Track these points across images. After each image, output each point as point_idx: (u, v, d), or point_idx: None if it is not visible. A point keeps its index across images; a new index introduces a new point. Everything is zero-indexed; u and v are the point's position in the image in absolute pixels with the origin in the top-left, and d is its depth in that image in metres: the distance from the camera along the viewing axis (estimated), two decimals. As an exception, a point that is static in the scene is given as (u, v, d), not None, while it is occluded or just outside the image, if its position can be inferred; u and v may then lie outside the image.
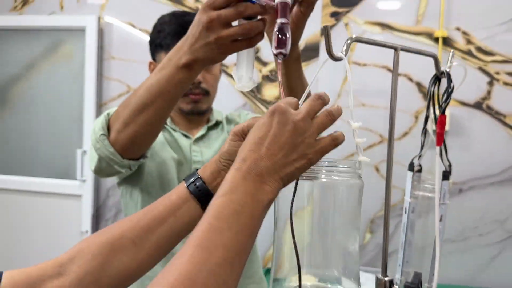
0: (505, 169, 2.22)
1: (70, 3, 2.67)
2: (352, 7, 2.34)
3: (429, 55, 0.75)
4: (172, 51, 0.76)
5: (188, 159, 1.17)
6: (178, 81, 0.76)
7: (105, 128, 0.88)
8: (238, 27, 0.69)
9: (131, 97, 0.83)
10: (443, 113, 0.73)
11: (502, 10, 2.20)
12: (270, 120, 0.54)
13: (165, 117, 0.83)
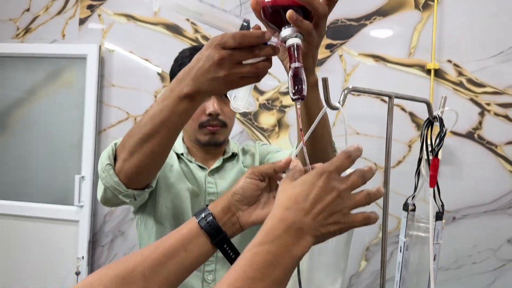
0: (497, 198, 2.26)
1: (72, 31, 2.72)
2: (346, 40, 2.41)
3: (422, 101, 0.79)
4: (174, 82, 0.76)
5: (203, 190, 1.18)
6: (180, 111, 0.76)
7: (111, 158, 0.89)
8: (250, 67, 0.69)
9: (136, 126, 0.84)
10: (436, 156, 0.77)
11: (491, 43, 2.28)
12: (316, 180, 0.56)
13: (169, 146, 0.84)
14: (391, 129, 0.75)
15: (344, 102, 0.66)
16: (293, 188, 0.57)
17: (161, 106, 0.77)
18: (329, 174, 0.57)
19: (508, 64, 2.26)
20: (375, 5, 2.39)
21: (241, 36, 0.66)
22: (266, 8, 0.68)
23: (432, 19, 2.32)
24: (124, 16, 2.66)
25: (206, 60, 0.69)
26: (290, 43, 0.65)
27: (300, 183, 0.57)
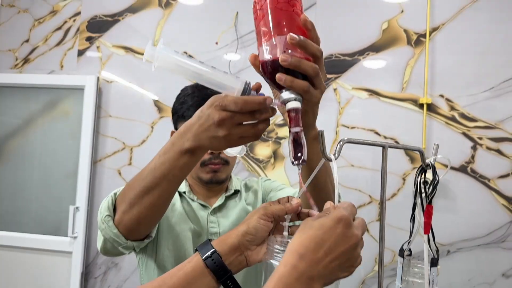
0: (491, 231, 2.28)
1: (70, 62, 2.76)
2: (340, 74, 2.46)
3: (415, 150, 0.81)
4: (176, 136, 0.76)
5: (205, 230, 1.17)
6: (181, 165, 0.76)
7: (111, 208, 0.89)
8: (249, 128, 0.69)
9: (136, 178, 0.83)
10: (429, 203, 0.79)
11: (482, 79, 2.34)
12: (334, 227, 0.56)
13: (170, 199, 0.84)
14: (385, 178, 0.77)
15: (339, 154, 0.68)
16: (309, 231, 0.56)
17: (162, 159, 0.77)
18: (346, 221, 0.56)
19: (499, 99, 2.31)
20: (368, 40, 2.45)
21: (243, 102, 0.66)
22: (265, 66, 0.68)
23: (424, 55, 2.38)
24: (122, 48, 2.70)
25: (206, 119, 0.70)
26: (289, 107, 0.66)
27: (317, 226, 0.56)
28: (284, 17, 0.67)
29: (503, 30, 2.33)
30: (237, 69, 2.56)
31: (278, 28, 0.66)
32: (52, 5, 2.81)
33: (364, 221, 0.61)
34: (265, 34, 0.67)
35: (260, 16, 0.69)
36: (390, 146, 0.78)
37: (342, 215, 0.57)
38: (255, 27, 0.71)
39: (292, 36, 0.64)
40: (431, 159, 0.83)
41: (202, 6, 2.66)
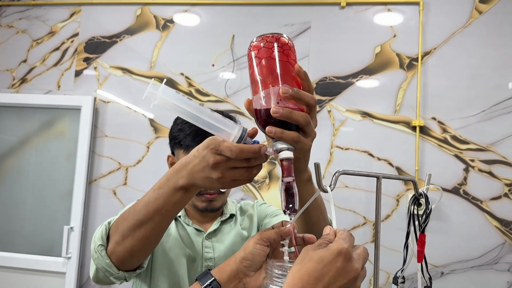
0: (484, 253, 2.29)
1: (67, 82, 2.78)
2: (334, 96, 2.50)
3: (409, 180, 0.83)
4: (171, 172, 0.77)
5: (200, 255, 1.17)
6: (175, 201, 0.77)
7: (104, 238, 0.89)
8: (243, 172, 0.71)
9: (130, 210, 0.84)
10: (422, 232, 0.81)
11: (473, 102, 2.38)
12: (334, 260, 0.56)
13: (162, 232, 0.86)
14: (379, 209, 0.79)
15: (335, 186, 0.70)
16: (308, 263, 0.56)
17: (157, 194, 0.78)
18: (346, 254, 0.57)
19: (490, 122, 2.36)
20: (361, 64, 2.50)
21: (239, 151, 0.68)
22: (259, 114, 0.70)
23: (416, 78, 2.43)
24: (119, 69, 2.73)
25: (201, 160, 0.72)
26: (282, 156, 0.67)
27: (316, 259, 0.56)
28: (278, 67, 0.69)
29: (493, 54, 2.39)
30: (232, 90, 2.60)
31: (272, 79, 0.68)
32: (50, 26, 2.85)
33: (365, 251, 0.61)
34: (259, 83, 0.69)
35: (255, 64, 0.70)
36: (384, 177, 0.80)
37: (342, 248, 0.57)
38: (249, 73, 0.72)
39: (285, 90, 0.66)
40: (424, 189, 0.86)
41: (199, 29, 2.70)
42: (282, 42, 0.70)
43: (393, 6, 2.52)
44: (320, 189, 0.70)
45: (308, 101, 0.68)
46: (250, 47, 0.72)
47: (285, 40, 0.71)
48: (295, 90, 0.66)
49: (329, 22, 2.56)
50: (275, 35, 0.71)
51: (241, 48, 2.62)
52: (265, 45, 0.70)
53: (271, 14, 2.62)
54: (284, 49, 0.70)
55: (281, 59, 0.69)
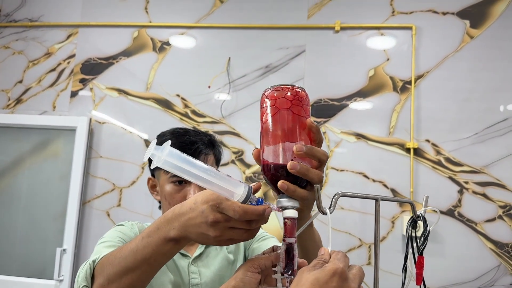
0: (480, 275, 2.29)
1: (63, 103, 2.79)
2: (329, 118, 2.52)
3: (406, 202, 0.84)
4: (162, 221, 0.74)
5: (186, 282, 1.13)
6: (164, 252, 0.74)
7: (89, 278, 0.86)
8: (242, 232, 0.68)
9: (117, 254, 0.82)
10: (421, 254, 0.81)
11: (466, 125, 2.41)
12: (329, 280, 0.55)
13: (149, 280, 0.82)
14: (378, 231, 0.79)
15: (334, 208, 0.71)
16: (304, 286, 0.56)
17: (145, 242, 0.75)
18: (342, 274, 0.56)
19: (483, 145, 2.38)
20: (356, 86, 2.53)
21: (242, 212, 0.65)
22: (267, 167, 0.69)
23: (409, 101, 2.46)
24: (116, 90, 2.74)
25: (199, 215, 0.68)
26: (286, 215, 0.66)
27: (312, 281, 0.56)
28: (295, 123, 0.68)
29: (484, 78, 2.43)
30: (228, 112, 2.61)
31: (289, 134, 0.68)
32: (47, 47, 2.86)
33: (361, 270, 0.61)
34: (272, 136, 0.68)
35: (270, 114, 0.69)
36: (382, 199, 0.80)
37: (337, 267, 0.56)
38: (262, 121, 0.70)
39: (299, 148, 0.66)
40: (422, 211, 0.86)
41: (195, 51, 2.73)
42: (301, 97, 0.70)
43: (386, 31, 2.57)
44: (320, 211, 0.70)
45: (320, 157, 0.69)
46: (267, 95, 0.71)
47: (303, 95, 0.70)
48: (308, 147, 0.67)
49: (324, 46, 2.60)
50: (294, 88, 0.70)
51: (236, 70, 2.65)
52: (285, 96, 0.69)
53: (266, 37, 2.66)
54: (303, 104, 0.69)
55: (299, 114, 0.69)
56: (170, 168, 0.68)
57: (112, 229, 1.15)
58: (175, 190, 1.12)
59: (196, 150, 1.14)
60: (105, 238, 1.10)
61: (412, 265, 0.84)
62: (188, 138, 1.15)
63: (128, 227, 1.16)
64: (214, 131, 2.59)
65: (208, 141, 1.18)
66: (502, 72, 2.43)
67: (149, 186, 1.25)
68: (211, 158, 1.17)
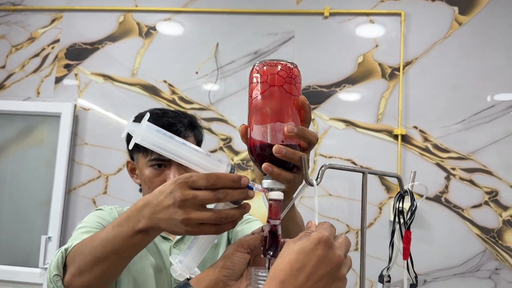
0: (466, 260, 2.31)
1: (47, 89, 2.73)
2: (317, 105, 2.51)
3: (393, 176, 0.83)
4: (132, 210, 0.71)
5: (168, 265, 1.10)
6: (133, 243, 0.71)
7: (61, 267, 0.83)
8: (212, 214, 0.64)
9: (88, 244, 0.79)
10: (408, 229, 0.80)
11: (454, 111, 2.42)
12: (314, 249, 0.54)
13: (121, 270, 0.80)
14: (365, 204, 0.78)
15: (321, 179, 0.69)
16: (289, 255, 0.55)
17: (115, 232, 0.72)
18: (327, 242, 0.55)
19: (471, 131, 2.39)
20: (344, 73, 2.52)
21: (216, 178, 0.63)
22: (254, 146, 0.66)
23: (398, 87, 2.46)
24: (101, 76, 2.70)
25: (167, 196, 0.65)
26: (272, 197, 0.65)
27: (297, 250, 0.55)
28: (287, 102, 0.65)
29: (472, 65, 2.44)
30: (216, 98, 2.59)
31: (279, 114, 0.64)
32: (30, 32, 2.80)
33: (347, 239, 0.60)
34: (261, 114, 0.65)
35: (260, 91, 0.66)
36: (370, 173, 0.79)
37: (322, 236, 0.55)
38: (250, 96, 0.67)
39: (290, 129, 0.63)
40: (409, 186, 0.85)
41: (183, 36, 2.69)
42: (294, 74, 0.66)
43: (375, 17, 2.55)
44: (307, 182, 0.69)
45: (311, 139, 0.67)
46: (258, 70, 0.67)
47: (296, 72, 0.67)
48: (300, 129, 0.64)
49: (313, 32, 2.59)
50: (288, 64, 0.66)
51: (225, 57, 2.62)
52: (277, 73, 0.65)
53: (255, 23, 2.64)
54: (296, 82, 0.66)
55: (291, 93, 0.65)
56: (149, 144, 0.66)
57: (90, 214, 1.13)
58: (154, 174, 1.09)
59: (175, 132, 1.08)
60: (83, 223, 1.07)
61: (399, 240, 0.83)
62: (166, 120, 1.12)
63: (107, 212, 1.13)
64: (202, 118, 2.56)
65: (188, 123, 1.15)
66: (490, 59, 2.44)
67: (128, 169, 1.21)
68: (191, 140, 1.14)
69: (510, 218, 2.32)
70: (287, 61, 0.67)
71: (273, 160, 0.64)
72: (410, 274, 0.82)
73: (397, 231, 0.84)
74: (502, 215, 2.32)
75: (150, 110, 1.18)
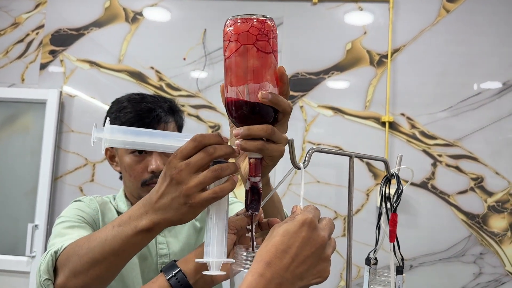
0: (451, 246, 2.34)
1: (32, 76, 2.69)
2: (306, 92, 2.51)
3: (380, 160, 0.83)
4: (134, 209, 0.69)
5: (154, 253, 1.10)
6: (134, 243, 0.69)
7: (51, 271, 0.81)
8: (207, 171, 0.63)
9: (84, 244, 0.77)
10: (394, 212, 0.81)
11: (441, 98, 2.44)
12: (298, 231, 0.56)
13: (118, 272, 0.78)
14: (352, 187, 0.78)
15: (308, 163, 0.69)
16: (275, 238, 0.56)
17: (115, 232, 0.70)
18: (311, 223, 0.56)
19: (457, 118, 2.41)
20: (333, 60, 2.51)
21: (200, 137, 0.63)
22: (230, 104, 0.65)
23: (386, 75, 2.46)
24: (87, 62, 2.66)
25: (163, 181, 0.65)
26: (251, 156, 0.65)
27: (282, 233, 0.56)
28: (258, 60, 0.62)
29: (460, 52, 2.45)
30: (204, 85, 2.57)
31: (252, 75, 0.62)
32: (14, 17, 2.75)
33: (331, 221, 0.61)
34: (235, 75, 0.63)
35: (232, 49, 0.63)
36: (356, 156, 0.80)
37: (306, 218, 0.56)
38: (224, 55, 0.65)
39: (264, 95, 0.61)
40: (395, 169, 0.86)
41: (170, 22, 2.66)
42: (268, 29, 0.62)
43: (364, 4, 2.55)
44: (294, 166, 0.69)
45: (285, 108, 0.65)
46: (230, 27, 0.63)
47: (270, 26, 0.63)
48: (274, 96, 0.62)
49: (301, 19, 2.57)
50: (260, 19, 0.62)
51: (213, 43, 2.59)
52: (249, 30, 0.61)
53: (243, 8, 2.61)
54: (269, 38, 0.62)
55: (265, 51, 0.62)
56: (119, 145, 0.67)
57: (69, 206, 1.10)
58: (135, 161, 1.07)
59: (154, 118, 1.07)
60: (63, 217, 1.04)
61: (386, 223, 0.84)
62: (145, 105, 1.09)
63: (86, 203, 1.10)
64: (190, 105, 2.55)
65: (168, 108, 1.12)
66: (477, 46, 2.45)
67: (107, 157, 1.18)
68: (171, 125, 1.11)
69: (495, 204, 2.35)
70: (259, 16, 0.63)
71: (252, 117, 0.63)
72: (397, 257, 0.82)
73: (383, 214, 0.84)
74: (487, 201, 2.36)
75: (128, 94, 1.16)
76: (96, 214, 1.09)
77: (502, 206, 2.35)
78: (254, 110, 0.63)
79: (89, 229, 1.02)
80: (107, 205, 1.13)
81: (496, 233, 2.34)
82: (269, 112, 0.65)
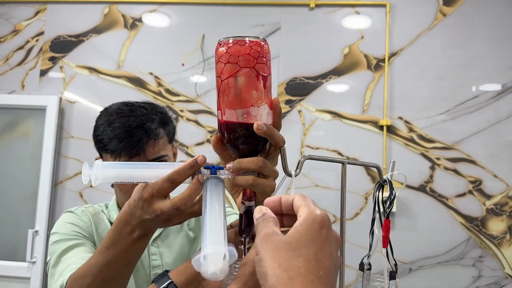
0: (450, 249, 2.35)
1: (32, 82, 2.70)
2: (304, 96, 2.52)
3: (373, 166, 0.84)
4: (121, 224, 0.71)
5: (146, 264, 1.09)
6: (136, 250, 0.73)
7: None
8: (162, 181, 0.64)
9: (87, 273, 0.78)
10: (387, 217, 0.82)
11: (439, 102, 2.45)
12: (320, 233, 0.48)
13: (129, 277, 0.80)
14: (345, 194, 0.79)
15: (300, 170, 0.70)
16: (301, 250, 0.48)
17: (114, 251, 0.72)
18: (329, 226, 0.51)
19: (455, 121, 2.42)
20: (330, 64, 2.53)
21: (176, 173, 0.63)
22: (229, 127, 0.62)
23: (383, 78, 2.48)
24: (86, 69, 2.67)
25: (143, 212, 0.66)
26: None
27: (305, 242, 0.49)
28: (255, 83, 0.61)
29: (457, 55, 2.46)
30: (203, 90, 2.58)
31: (249, 98, 0.61)
32: (14, 25, 2.77)
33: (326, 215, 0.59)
34: (232, 98, 0.61)
35: (228, 71, 0.61)
36: (348, 163, 0.81)
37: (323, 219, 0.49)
38: (218, 76, 0.62)
39: (260, 126, 0.60)
40: (388, 175, 0.87)
41: (168, 28, 2.68)
42: (265, 51, 0.62)
43: (361, 8, 2.56)
44: (286, 173, 0.70)
45: (278, 142, 0.64)
46: (226, 49, 0.61)
47: (267, 49, 0.62)
48: (269, 128, 0.61)
49: (299, 23, 2.59)
50: (257, 41, 0.61)
51: (211, 48, 2.60)
52: (249, 53, 0.60)
53: (241, 14, 2.63)
54: (267, 61, 0.62)
55: (265, 73, 0.61)
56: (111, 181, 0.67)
57: (62, 219, 1.10)
58: None
59: (141, 137, 1.03)
60: (58, 233, 1.05)
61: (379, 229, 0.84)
62: (134, 121, 1.04)
63: (78, 214, 1.10)
64: (189, 110, 2.56)
65: (159, 121, 1.07)
66: (474, 49, 2.46)
67: None
68: (161, 141, 1.07)
69: (493, 207, 2.36)
70: (256, 38, 0.62)
71: (245, 141, 0.62)
72: (390, 262, 0.83)
73: (377, 220, 0.85)
74: (486, 203, 2.36)
75: (117, 105, 1.12)
76: (90, 226, 1.10)
77: (500, 208, 2.35)
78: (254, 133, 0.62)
79: (86, 244, 1.03)
80: (99, 215, 1.14)
81: (495, 236, 2.34)
82: None
